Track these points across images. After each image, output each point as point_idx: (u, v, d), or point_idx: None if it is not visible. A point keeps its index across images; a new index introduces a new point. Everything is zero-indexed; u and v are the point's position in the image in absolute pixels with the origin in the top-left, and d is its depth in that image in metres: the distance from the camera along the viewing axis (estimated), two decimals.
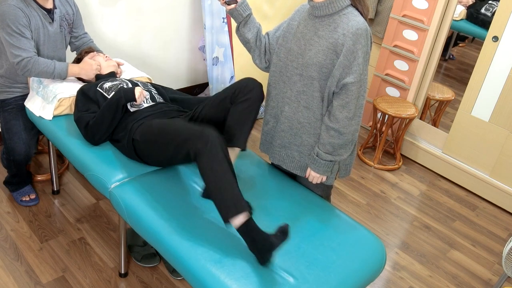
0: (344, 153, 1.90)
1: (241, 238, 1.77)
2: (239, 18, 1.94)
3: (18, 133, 2.47)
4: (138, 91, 2.17)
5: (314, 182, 1.99)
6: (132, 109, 2.20)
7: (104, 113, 2.12)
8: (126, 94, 2.14)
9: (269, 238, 1.66)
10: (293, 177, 2.24)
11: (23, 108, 2.50)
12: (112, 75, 2.47)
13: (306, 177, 2.02)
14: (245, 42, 2.01)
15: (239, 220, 1.68)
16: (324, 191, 2.16)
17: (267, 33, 2.02)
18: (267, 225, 1.86)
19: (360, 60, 1.74)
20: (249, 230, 1.68)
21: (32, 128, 2.53)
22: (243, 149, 1.98)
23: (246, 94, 1.96)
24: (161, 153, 1.99)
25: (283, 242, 1.69)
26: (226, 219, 1.69)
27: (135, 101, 2.16)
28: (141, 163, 2.14)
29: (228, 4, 1.91)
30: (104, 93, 2.24)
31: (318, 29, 1.81)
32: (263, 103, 3.80)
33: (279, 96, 1.97)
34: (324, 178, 1.98)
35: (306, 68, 1.83)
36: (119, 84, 2.28)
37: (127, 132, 2.11)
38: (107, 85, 2.28)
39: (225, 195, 1.70)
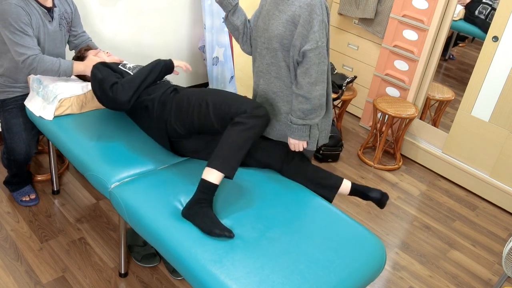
0: (316, 117, 2.04)
1: (244, 239, 1.77)
2: (229, 7, 2.09)
3: (19, 133, 2.47)
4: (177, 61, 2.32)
5: (296, 149, 2.12)
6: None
7: (150, 74, 2.18)
8: (166, 65, 2.25)
9: (209, 218, 1.76)
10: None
11: (24, 108, 2.50)
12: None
13: (290, 147, 2.15)
14: (234, 30, 2.17)
15: (213, 176, 1.80)
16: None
17: (248, 20, 2.20)
18: (267, 225, 1.87)
19: (316, 28, 1.91)
20: (207, 190, 1.81)
21: (33, 128, 2.53)
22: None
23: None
24: (201, 107, 1.99)
25: (212, 235, 1.75)
26: (208, 165, 1.82)
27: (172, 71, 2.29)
28: (159, 125, 2.13)
29: None
30: (128, 71, 2.29)
31: (278, 4, 1.99)
32: None
33: (257, 72, 2.15)
34: (305, 144, 2.11)
35: (270, 41, 2.01)
36: (140, 65, 2.34)
37: (166, 87, 2.16)
38: (130, 65, 2.34)
39: (228, 151, 1.81)
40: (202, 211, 1.79)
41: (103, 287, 2.27)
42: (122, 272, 2.33)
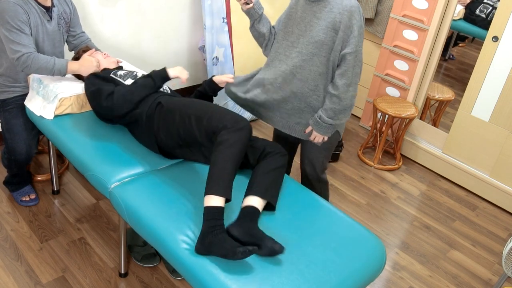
0: (343, 118, 2.17)
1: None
2: (255, 15, 2.16)
3: (19, 133, 2.48)
4: (176, 71, 2.26)
5: (316, 141, 2.23)
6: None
7: (140, 89, 2.16)
8: (160, 73, 2.22)
9: (229, 242, 1.62)
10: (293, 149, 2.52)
11: (24, 108, 2.50)
12: (119, 69, 2.48)
13: (311, 138, 2.24)
14: (259, 36, 2.24)
15: (214, 201, 1.73)
16: (326, 153, 2.36)
17: (273, 27, 2.28)
18: (267, 225, 1.86)
19: (356, 33, 2.01)
20: (214, 215, 1.70)
21: (33, 128, 2.53)
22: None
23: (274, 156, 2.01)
24: (185, 122, 1.98)
25: (238, 257, 1.59)
26: (207, 193, 1.74)
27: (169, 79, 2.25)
28: (149, 138, 2.13)
29: (247, 4, 2.10)
30: (120, 79, 2.28)
31: (316, 12, 2.06)
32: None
33: (276, 71, 2.19)
34: (326, 138, 2.23)
35: (308, 46, 2.07)
36: (133, 71, 2.33)
37: (152, 100, 2.14)
38: (121, 72, 2.33)
39: (220, 173, 1.76)
40: (217, 238, 1.65)
41: (103, 287, 2.27)
42: (122, 272, 2.33)
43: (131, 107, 2.15)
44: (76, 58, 2.50)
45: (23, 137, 2.48)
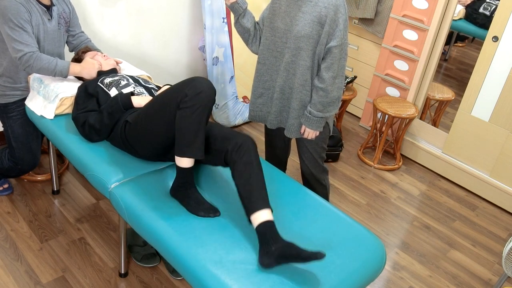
0: (333, 110, 2.20)
1: (245, 239, 1.77)
2: (239, 10, 2.17)
3: (28, 144, 2.51)
4: (141, 100, 2.22)
5: (309, 137, 2.27)
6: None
7: (104, 120, 2.15)
8: (124, 102, 2.17)
9: (197, 198, 1.79)
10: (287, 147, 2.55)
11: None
12: (113, 72, 2.48)
13: (302, 133, 2.28)
14: (244, 32, 2.24)
15: (184, 161, 1.87)
16: (322, 144, 2.39)
17: (256, 22, 2.29)
18: None
19: (341, 26, 2.06)
20: (184, 174, 1.87)
21: (38, 136, 2.55)
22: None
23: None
24: (153, 128, 1.98)
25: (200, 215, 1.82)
26: (176, 154, 1.86)
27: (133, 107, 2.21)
28: (132, 155, 2.16)
29: None
30: (105, 88, 2.27)
31: (301, 6, 2.09)
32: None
33: (271, 70, 2.25)
34: (317, 133, 2.27)
35: (295, 40, 2.11)
36: (119, 79, 2.32)
37: (121, 120, 2.14)
38: (107, 80, 2.32)
39: (187, 137, 1.86)
40: (187, 193, 1.90)
41: (103, 287, 2.27)
42: (122, 272, 2.33)
43: (104, 136, 2.20)
44: (76, 59, 2.50)
45: (32, 147, 2.51)
